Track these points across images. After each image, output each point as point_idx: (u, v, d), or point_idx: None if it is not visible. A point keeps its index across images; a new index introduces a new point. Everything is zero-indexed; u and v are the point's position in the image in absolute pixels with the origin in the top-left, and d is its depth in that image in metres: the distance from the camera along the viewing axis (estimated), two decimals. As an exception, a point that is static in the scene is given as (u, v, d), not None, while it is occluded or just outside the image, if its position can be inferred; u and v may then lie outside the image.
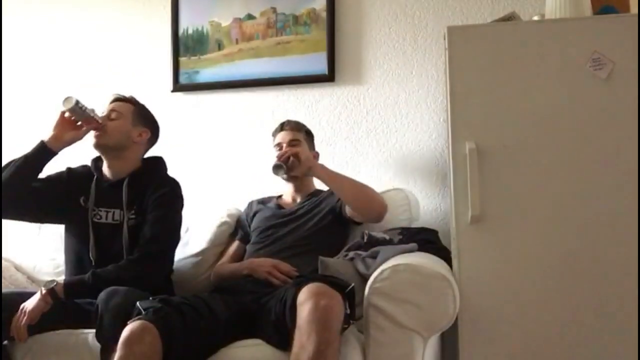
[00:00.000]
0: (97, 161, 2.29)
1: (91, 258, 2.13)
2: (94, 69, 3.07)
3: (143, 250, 2.05)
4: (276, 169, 2.27)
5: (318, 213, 2.28)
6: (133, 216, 2.14)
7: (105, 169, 2.25)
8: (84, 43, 3.10)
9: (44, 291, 1.95)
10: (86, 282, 1.98)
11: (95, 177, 2.24)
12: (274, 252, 2.20)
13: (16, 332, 1.92)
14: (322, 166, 2.29)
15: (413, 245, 2.04)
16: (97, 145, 2.19)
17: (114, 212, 2.16)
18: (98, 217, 2.17)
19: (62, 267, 2.31)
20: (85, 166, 2.31)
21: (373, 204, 2.21)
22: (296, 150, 2.27)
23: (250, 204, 2.49)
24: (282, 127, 2.42)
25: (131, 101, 2.29)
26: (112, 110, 2.23)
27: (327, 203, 2.31)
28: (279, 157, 2.27)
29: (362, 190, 2.22)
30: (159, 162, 2.33)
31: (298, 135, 2.39)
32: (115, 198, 2.16)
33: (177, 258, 2.44)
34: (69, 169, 2.30)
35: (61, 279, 2.08)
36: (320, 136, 2.71)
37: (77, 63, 3.10)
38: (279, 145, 2.37)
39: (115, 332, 1.70)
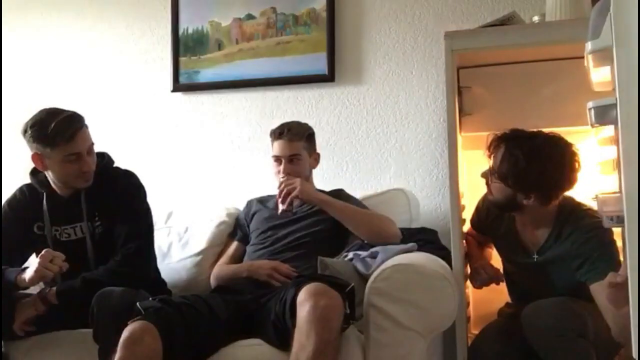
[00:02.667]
0: (37, 176, 2.12)
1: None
2: (93, 69, 3.08)
3: (124, 249, 2.02)
4: (284, 213, 2.18)
5: (319, 216, 2.24)
6: (99, 223, 2.08)
7: (55, 186, 2.10)
8: (83, 43, 3.10)
9: (36, 298, 1.94)
10: (76, 288, 1.96)
11: (44, 195, 2.10)
12: (273, 253, 2.19)
13: (16, 331, 1.94)
14: (328, 200, 2.18)
15: (412, 245, 2.03)
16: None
17: (80, 226, 2.07)
18: (66, 235, 2.08)
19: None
20: (22, 189, 2.18)
21: (383, 239, 2.09)
22: (295, 195, 2.14)
23: (250, 203, 2.47)
24: (280, 133, 2.27)
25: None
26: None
27: None
28: (280, 198, 2.16)
29: (373, 226, 2.13)
30: (104, 158, 2.18)
31: (298, 147, 2.27)
32: (76, 211, 2.07)
33: (176, 258, 2.45)
34: (8, 205, 2.15)
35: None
36: (320, 136, 2.70)
37: (77, 63, 3.10)
38: (277, 158, 2.27)
39: (112, 332, 1.70)
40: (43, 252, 1.93)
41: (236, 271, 2.23)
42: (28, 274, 1.91)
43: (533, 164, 1.86)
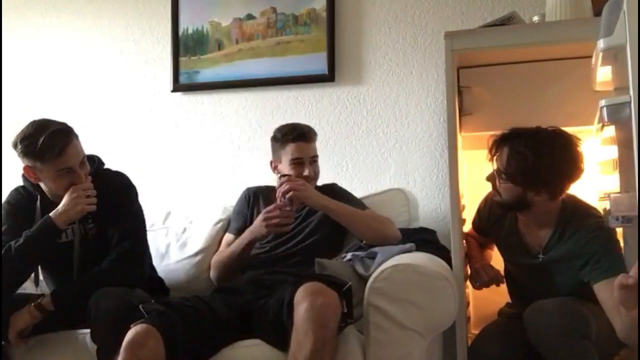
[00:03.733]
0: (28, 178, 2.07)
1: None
2: (93, 69, 3.08)
3: (118, 248, 2.01)
4: (286, 213, 2.11)
5: (316, 219, 2.24)
6: (92, 225, 2.07)
7: (48, 193, 2.07)
8: (83, 43, 3.11)
9: (31, 306, 1.93)
10: (72, 290, 1.96)
11: (38, 197, 2.08)
12: (273, 259, 2.19)
13: (12, 342, 1.92)
14: (331, 206, 2.13)
15: (411, 245, 2.03)
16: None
17: (72, 228, 2.05)
18: (58, 237, 2.04)
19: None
20: (18, 189, 2.15)
21: (384, 240, 2.08)
22: (299, 196, 2.10)
23: (247, 197, 2.40)
24: (299, 135, 2.23)
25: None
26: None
27: None
28: (280, 194, 2.11)
29: (375, 229, 2.11)
30: (95, 161, 2.15)
31: (315, 148, 2.29)
32: None
33: (175, 259, 2.45)
34: (8, 203, 2.13)
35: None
36: (320, 136, 2.70)
37: (76, 63, 3.10)
38: (299, 160, 2.22)
39: (110, 332, 1.70)
40: (72, 189, 1.96)
41: (236, 245, 2.21)
42: (67, 214, 1.95)
43: (540, 158, 1.85)
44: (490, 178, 1.99)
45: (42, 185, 2.06)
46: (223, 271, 2.25)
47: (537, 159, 1.85)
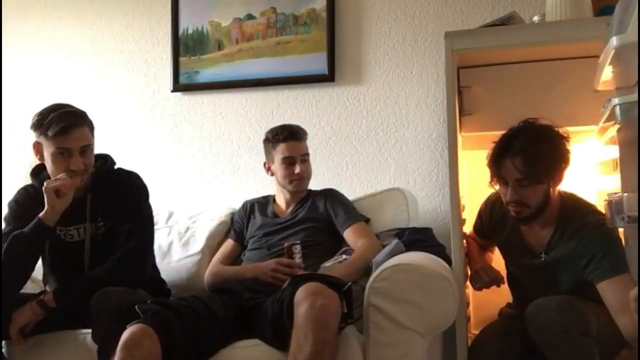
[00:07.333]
0: (39, 177, 2.08)
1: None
2: (93, 68, 3.08)
3: (123, 247, 2.01)
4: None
5: (313, 219, 2.26)
6: (101, 224, 2.06)
7: (49, 173, 2.04)
8: (83, 43, 3.10)
9: (33, 303, 1.93)
10: (75, 288, 1.96)
11: None
12: (270, 258, 2.19)
13: (12, 339, 1.92)
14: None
15: (396, 242, 2.03)
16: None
17: (84, 227, 2.06)
18: (69, 236, 2.06)
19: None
20: (26, 188, 2.14)
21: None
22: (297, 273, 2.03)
23: (245, 205, 2.46)
24: (290, 135, 2.27)
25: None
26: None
27: (323, 209, 2.29)
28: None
29: (366, 263, 2.05)
30: (107, 161, 2.16)
31: (306, 147, 2.32)
32: (80, 212, 2.04)
33: (177, 257, 2.45)
34: (15, 202, 2.12)
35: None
36: (320, 136, 2.72)
37: (77, 63, 3.10)
38: (290, 159, 2.26)
39: (111, 331, 1.70)
40: (44, 184, 1.94)
41: (239, 272, 2.22)
42: (48, 207, 1.92)
43: (544, 150, 1.86)
44: (514, 196, 1.90)
45: (47, 166, 2.04)
46: (220, 282, 2.25)
47: (548, 149, 1.86)
